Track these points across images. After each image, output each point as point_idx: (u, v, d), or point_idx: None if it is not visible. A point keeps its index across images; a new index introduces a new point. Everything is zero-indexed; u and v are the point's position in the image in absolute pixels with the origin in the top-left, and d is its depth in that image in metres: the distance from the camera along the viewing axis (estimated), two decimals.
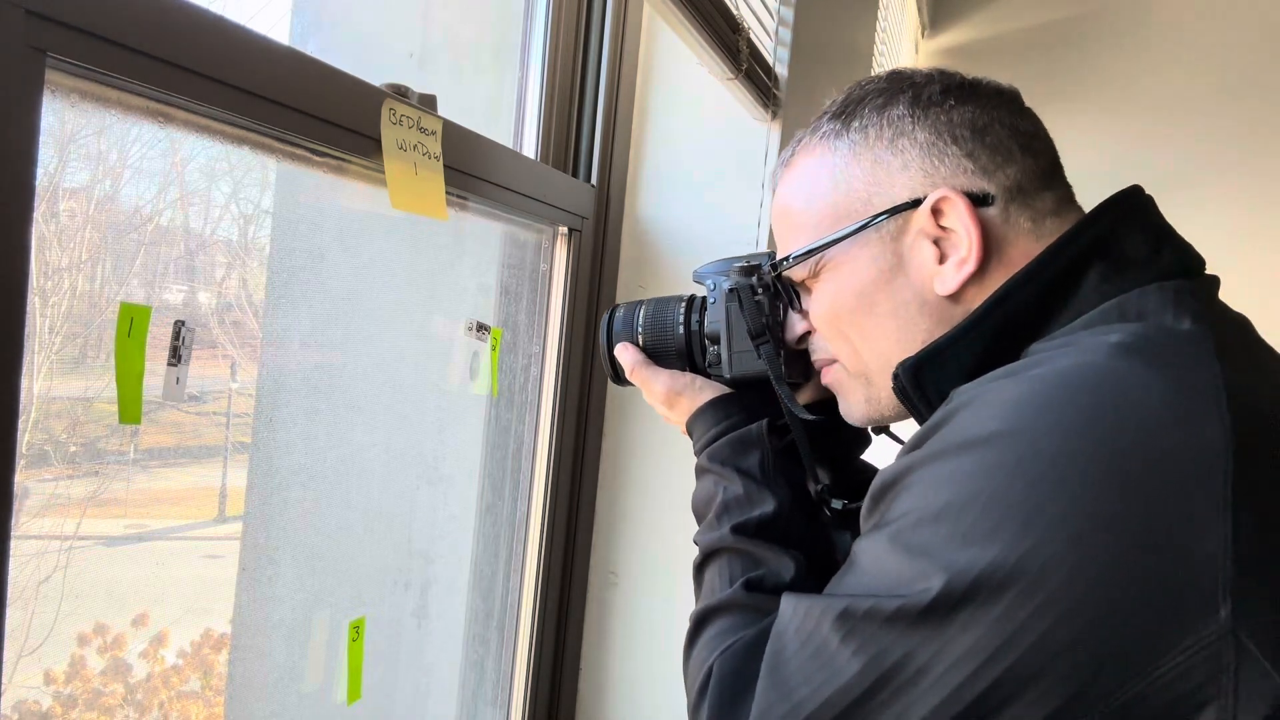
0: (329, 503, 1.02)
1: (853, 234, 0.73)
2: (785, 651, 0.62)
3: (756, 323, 0.82)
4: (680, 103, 1.50)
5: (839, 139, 0.75)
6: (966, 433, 0.58)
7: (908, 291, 0.72)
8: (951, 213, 0.70)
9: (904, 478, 0.61)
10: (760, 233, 1.46)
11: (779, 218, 0.80)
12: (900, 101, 0.73)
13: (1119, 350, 0.58)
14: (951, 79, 0.74)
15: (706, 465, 0.83)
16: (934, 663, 0.54)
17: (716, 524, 0.79)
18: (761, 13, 1.47)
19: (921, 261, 0.71)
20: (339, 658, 1.01)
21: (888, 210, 0.72)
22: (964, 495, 0.55)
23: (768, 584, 0.74)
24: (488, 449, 1.32)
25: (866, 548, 0.62)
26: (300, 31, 1.00)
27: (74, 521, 0.77)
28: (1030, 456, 0.54)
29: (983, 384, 0.61)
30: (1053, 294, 0.68)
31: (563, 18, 1.34)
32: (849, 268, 0.74)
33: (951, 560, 0.54)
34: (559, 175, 1.33)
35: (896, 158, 0.72)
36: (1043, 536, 0.52)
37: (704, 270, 0.88)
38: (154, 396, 0.69)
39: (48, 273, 0.74)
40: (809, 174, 0.77)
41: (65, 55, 0.59)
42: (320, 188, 0.94)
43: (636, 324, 0.91)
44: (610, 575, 1.52)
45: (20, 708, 0.76)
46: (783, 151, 0.82)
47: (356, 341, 1.03)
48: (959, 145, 0.71)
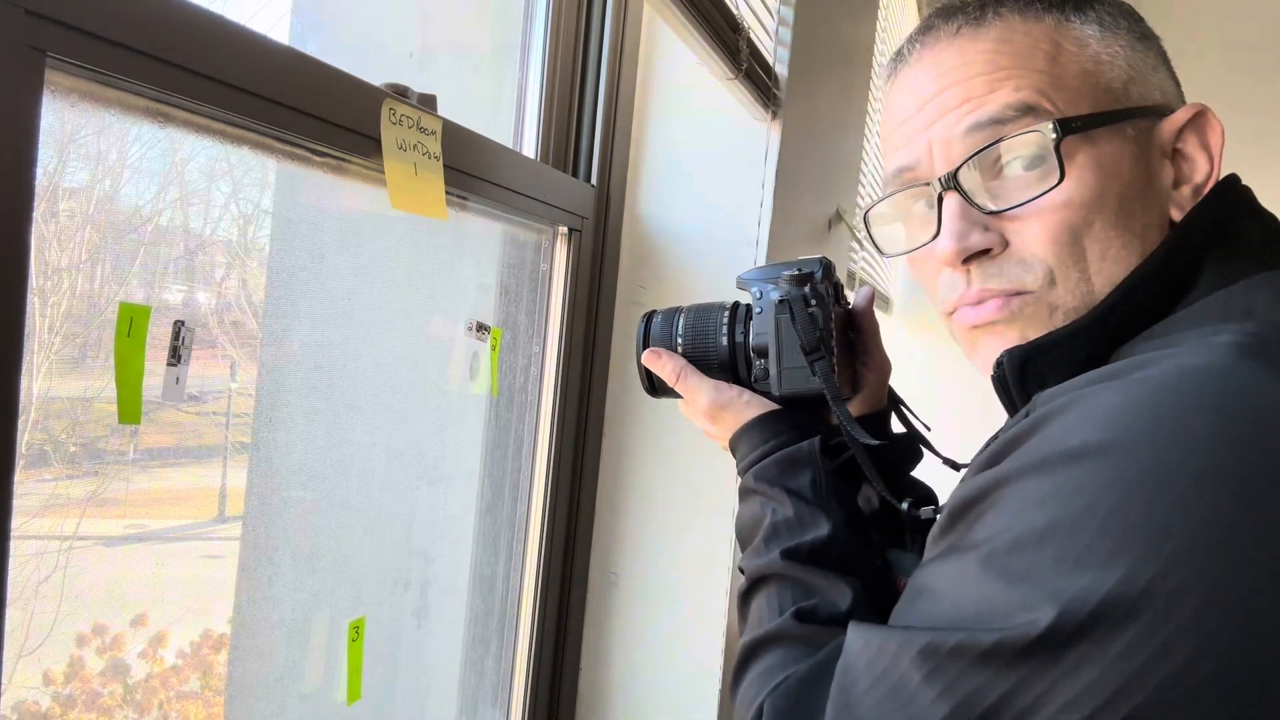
0: (329, 503, 1.02)
1: (1131, 116, 0.63)
2: (855, 689, 0.55)
3: (810, 337, 0.76)
4: (680, 103, 1.50)
5: (1079, 12, 0.65)
6: (1067, 443, 0.51)
7: (1156, 209, 0.63)
8: (1199, 133, 0.64)
9: (990, 494, 0.53)
10: (761, 233, 1.46)
11: (985, 73, 0.64)
12: (1124, 4, 0.67)
13: (1236, 352, 0.51)
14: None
15: (753, 485, 0.76)
16: (1040, 705, 0.47)
17: (765, 548, 0.73)
18: (761, 13, 1.47)
19: (1165, 178, 0.64)
20: (339, 658, 1.01)
21: (1148, 107, 0.63)
22: (1073, 514, 0.48)
23: (821, 614, 0.67)
24: (488, 449, 1.32)
25: (946, 572, 0.55)
26: (300, 31, 1.00)
27: (74, 521, 0.76)
28: (1150, 470, 0.47)
29: (1076, 389, 0.54)
30: (1175, 287, 0.61)
31: (563, 18, 1.34)
32: (1112, 158, 0.62)
33: (1062, 588, 0.47)
34: (559, 175, 1.33)
35: (1147, 56, 0.65)
36: (1170, 561, 0.46)
37: (749, 276, 0.82)
38: (154, 396, 0.69)
39: (47, 273, 0.74)
40: (1044, 36, 0.64)
41: (65, 55, 0.59)
42: (320, 188, 0.94)
43: (675, 332, 0.85)
44: (610, 575, 1.52)
45: (20, 708, 0.76)
46: (931, 24, 0.70)
47: (356, 341, 1.03)
48: (1169, 68, 0.66)
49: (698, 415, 0.84)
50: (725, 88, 1.38)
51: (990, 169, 0.65)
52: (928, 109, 0.67)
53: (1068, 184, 0.62)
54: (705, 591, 1.47)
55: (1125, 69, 0.64)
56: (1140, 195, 0.63)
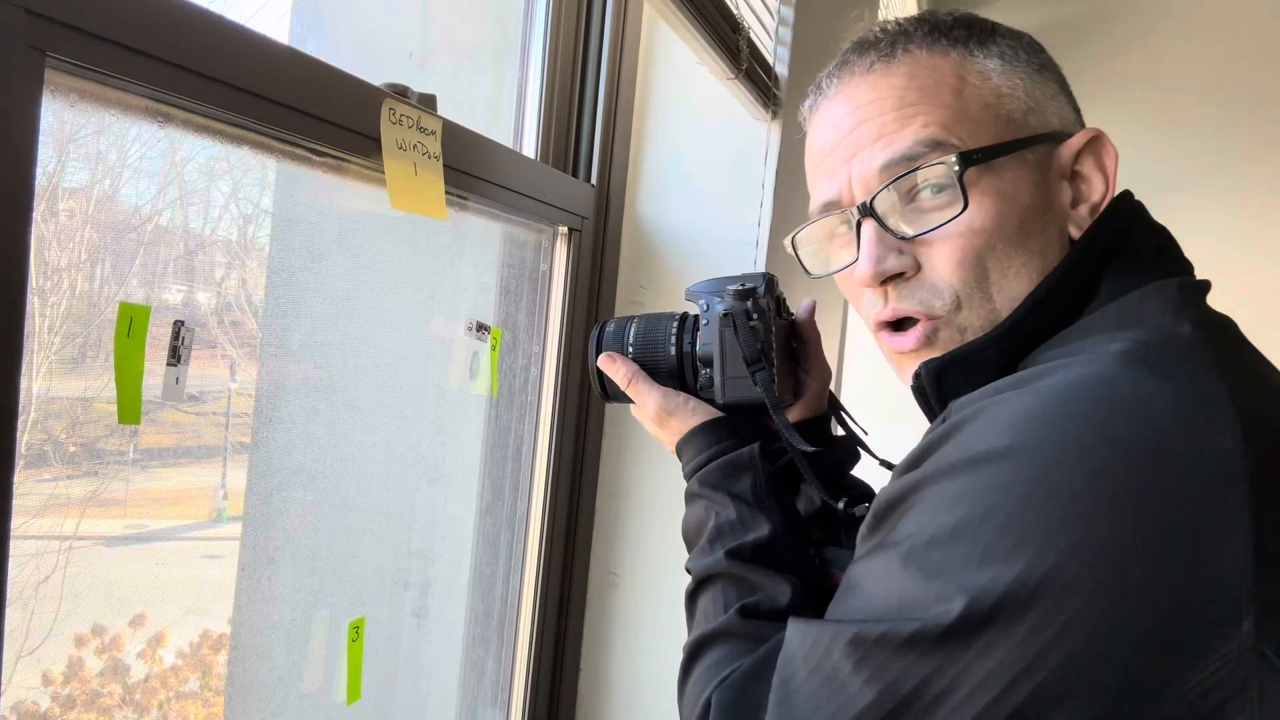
0: (329, 503, 1.02)
1: (1029, 144, 0.67)
2: (794, 680, 0.59)
3: (752, 349, 0.81)
4: (680, 103, 1.50)
5: (982, 48, 0.70)
6: (976, 448, 0.56)
7: (1054, 229, 0.68)
8: (1095, 155, 0.68)
9: (910, 495, 0.58)
10: (760, 233, 1.46)
11: (895, 109, 0.69)
12: (1024, 36, 0.72)
13: (1125, 360, 0.56)
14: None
15: (698, 490, 0.81)
16: (954, 688, 0.52)
17: (709, 549, 0.77)
18: (761, 13, 1.47)
19: (1063, 199, 0.69)
20: (339, 658, 1.01)
21: (1047, 134, 0.68)
22: (980, 513, 0.53)
23: (764, 609, 0.72)
24: (488, 449, 1.32)
25: (871, 569, 0.59)
26: (300, 31, 1.00)
27: (73, 521, 0.76)
28: (1046, 472, 0.52)
29: (985, 397, 0.59)
30: (1079, 298, 0.66)
31: (563, 18, 1.34)
32: (1011, 184, 0.67)
33: (971, 581, 0.52)
34: (559, 175, 1.33)
35: (1045, 86, 0.70)
36: (1064, 554, 0.51)
37: (697, 289, 0.86)
38: (153, 396, 0.69)
39: (47, 272, 0.74)
40: (948, 71, 0.69)
41: (65, 55, 0.59)
42: (320, 188, 0.94)
43: (627, 340, 0.89)
44: (610, 575, 1.52)
45: (19, 708, 0.75)
46: (846, 60, 0.73)
47: (356, 341, 1.03)
48: (1068, 95, 0.70)
49: (646, 420, 0.89)
50: (725, 88, 1.38)
51: (904, 197, 0.70)
52: (846, 143, 0.72)
53: (971, 211, 0.67)
54: None
55: (1025, 100, 0.69)
56: (1039, 216, 0.68)
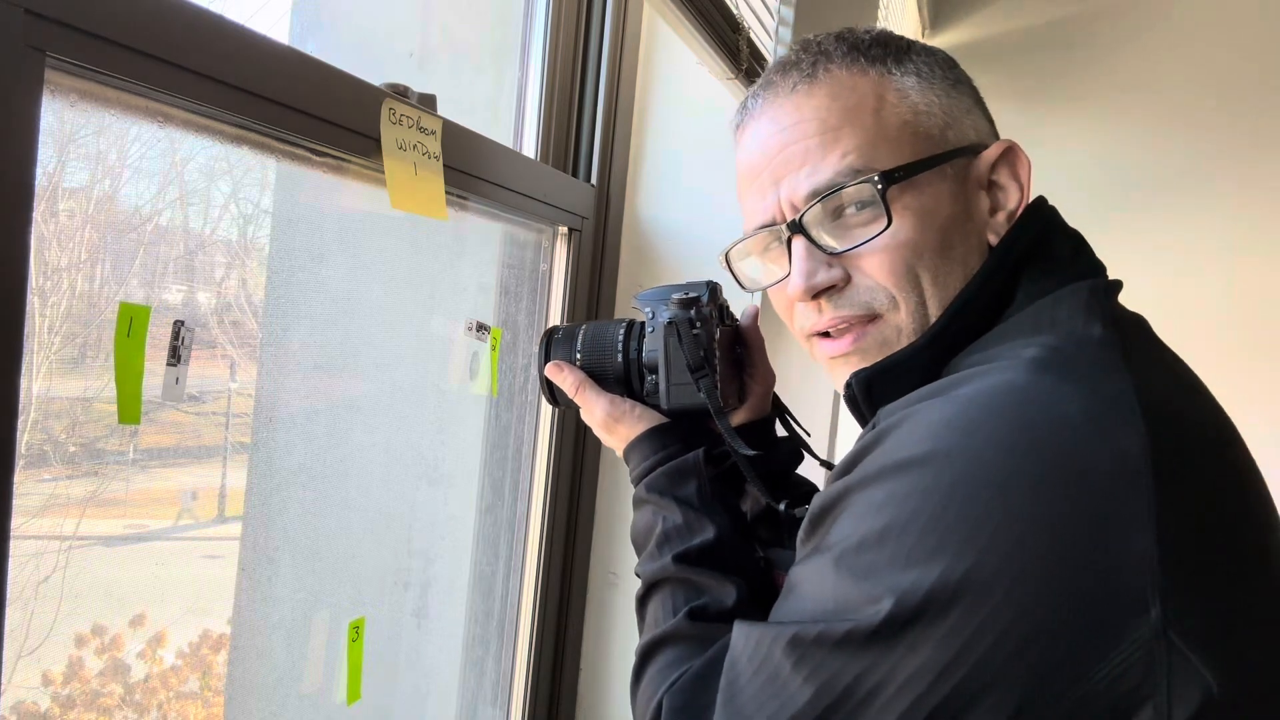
0: (329, 503, 1.02)
1: (947, 159, 0.70)
2: (739, 680, 0.62)
3: (695, 357, 0.82)
4: (680, 103, 1.50)
5: (899, 65, 0.72)
6: (899, 454, 0.58)
7: (973, 237, 0.72)
8: (1009, 165, 0.71)
9: (841, 501, 0.61)
10: None
11: (818, 132, 0.71)
12: (938, 52, 0.74)
13: (1036, 366, 0.59)
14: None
15: (645, 496, 0.82)
16: (885, 683, 0.55)
17: (658, 554, 0.78)
18: (761, 13, 1.48)
19: (981, 208, 0.72)
20: (339, 658, 1.01)
21: (964, 147, 0.71)
22: (903, 517, 0.56)
23: (711, 612, 0.73)
24: (488, 449, 1.32)
25: (808, 573, 0.62)
26: (300, 31, 1.00)
27: (74, 521, 0.76)
28: (962, 477, 0.55)
29: (909, 404, 0.62)
30: (996, 305, 0.69)
31: (563, 18, 1.34)
32: (931, 197, 0.70)
33: (896, 582, 0.55)
34: (559, 175, 1.33)
35: (960, 100, 0.73)
36: (980, 554, 0.53)
37: (644, 296, 0.88)
38: (153, 396, 0.69)
39: (47, 272, 0.74)
40: (868, 91, 0.71)
41: (65, 55, 0.59)
42: (320, 188, 0.94)
43: (576, 346, 0.90)
44: (610, 575, 1.52)
45: (19, 709, 0.76)
46: (771, 79, 0.75)
47: (356, 341, 1.03)
48: (981, 107, 0.73)
49: (595, 426, 0.90)
50: (725, 88, 1.38)
51: (831, 214, 0.72)
52: (774, 164, 0.74)
53: (895, 225, 0.69)
54: None
55: (941, 116, 0.71)
56: (960, 226, 0.71)
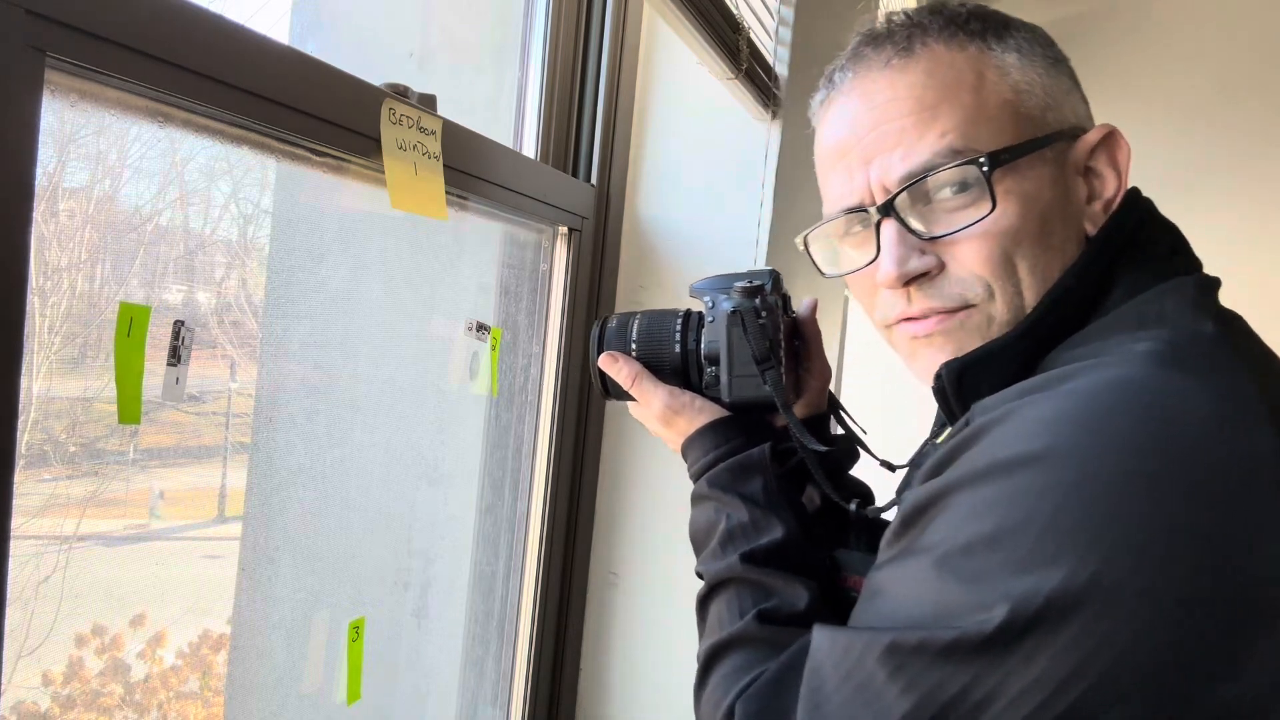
0: (329, 503, 1.02)
1: (1049, 142, 0.66)
2: (825, 689, 0.58)
3: (761, 347, 0.79)
4: (680, 103, 1.50)
5: (999, 40, 0.68)
6: (1007, 451, 0.55)
7: (1072, 226, 0.68)
8: (1108, 151, 0.67)
9: (939, 500, 0.57)
10: (760, 233, 1.46)
11: (913, 110, 0.67)
12: (1038, 29, 0.70)
13: (1154, 360, 0.55)
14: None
15: (706, 492, 0.79)
16: (995, 696, 0.51)
17: (721, 553, 0.75)
18: (761, 13, 1.47)
19: (1079, 195, 0.68)
20: (339, 658, 1.01)
21: (1065, 130, 0.67)
22: (1017, 518, 0.53)
23: (782, 614, 0.70)
24: (488, 449, 1.32)
25: (902, 574, 0.58)
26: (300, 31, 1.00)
27: (74, 521, 0.76)
28: (1085, 476, 0.52)
29: (1008, 400, 0.58)
30: (1095, 297, 0.65)
31: (563, 18, 1.34)
32: (1033, 182, 0.66)
33: (1012, 588, 0.51)
34: (559, 175, 1.33)
35: (1060, 80, 0.69)
36: (1107, 558, 0.50)
37: (702, 285, 0.85)
38: (153, 396, 0.69)
39: (47, 272, 0.74)
40: (967, 68, 0.67)
41: (65, 55, 0.59)
42: (320, 188, 0.94)
43: (630, 336, 0.86)
44: (610, 575, 1.52)
45: (19, 709, 0.75)
46: (860, 51, 0.71)
47: (356, 341, 1.03)
48: (1080, 91, 0.69)
49: (651, 419, 0.86)
50: (725, 88, 1.38)
51: (923, 197, 0.68)
52: (865, 143, 0.70)
53: (997, 211, 0.66)
54: None
55: (1042, 96, 0.68)
56: (1059, 213, 0.67)
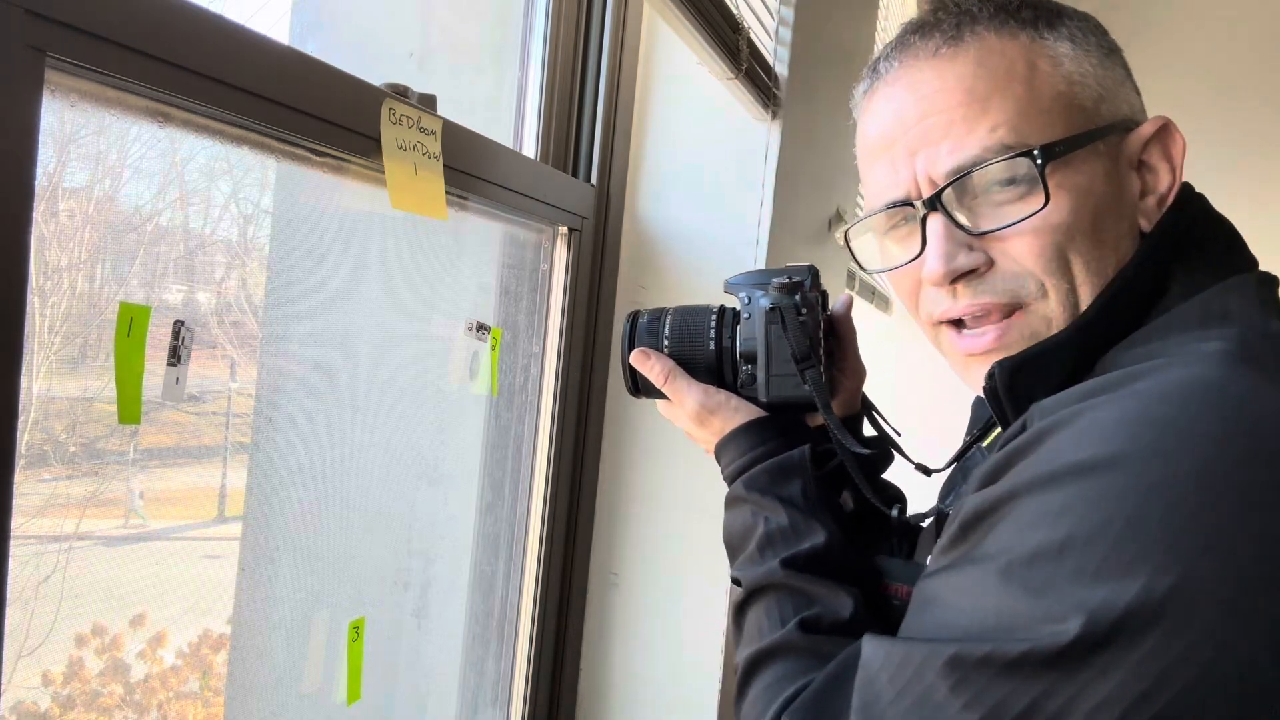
0: (329, 503, 1.02)
1: (1102, 135, 0.64)
2: (880, 702, 0.55)
3: (801, 345, 0.76)
4: (680, 103, 1.50)
5: (1051, 29, 0.66)
6: (1075, 456, 0.52)
7: (1126, 221, 0.65)
8: (1162, 144, 0.65)
9: (1002, 506, 0.54)
10: (760, 233, 1.46)
11: (963, 102, 0.65)
12: (1090, 18, 0.67)
13: (1229, 360, 0.53)
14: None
15: (743, 494, 0.76)
16: (1067, 711, 0.49)
17: (760, 558, 0.72)
18: (761, 13, 1.47)
19: (1132, 190, 0.65)
20: (339, 658, 1.01)
21: (1118, 123, 0.64)
22: (1090, 526, 0.50)
23: (825, 623, 0.67)
24: (488, 449, 1.32)
25: (960, 583, 0.56)
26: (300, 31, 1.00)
27: (74, 521, 0.76)
28: (1163, 481, 0.49)
29: (1071, 401, 0.56)
30: (1150, 296, 0.63)
31: (563, 18, 1.34)
32: (1086, 176, 0.64)
33: (1085, 599, 0.49)
34: (559, 175, 1.33)
35: (1114, 70, 0.66)
36: (1188, 567, 0.47)
37: (737, 281, 0.82)
38: (153, 396, 0.69)
39: (47, 272, 0.74)
40: (1019, 57, 0.65)
41: (65, 55, 0.59)
42: (320, 188, 0.94)
43: (662, 333, 0.84)
44: (610, 575, 1.52)
45: (19, 709, 0.75)
46: (908, 39, 0.69)
47: (356, 341, 1.03)
48: (1133, 82, 0.67)
49: (683, 418, 0.83)
50: (725, 87, 1.38)
51: (970, 191, 0.66)
52: (911, 134, 0.67)
53: (1050, 206, 0.63)
54: (705, 592, 1.47)
55: (1096, 87, 0.65)
56: (1113, 209, 0.65)
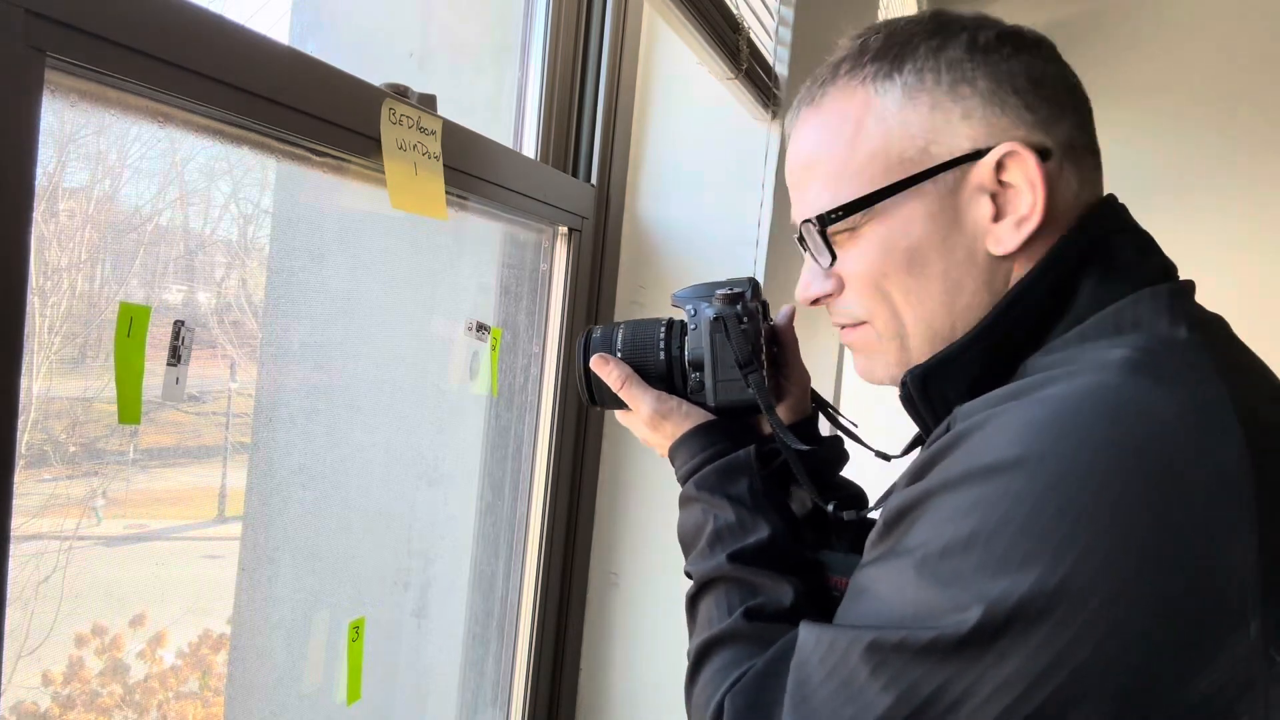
0: (329, 503, 1.02)
1: (912, 184, 0.68)
2: (810, 683, 0.60)
3: (744, 352, 0.81)
4: (680, 103, 1.50)
5: (888, 80, 0.70)
6: (985, 458, 0.56)
7: (960, 250, 0.69)
8: (1017, 168, 0.66)
9: (921, 504, 0.59)
10: (760, 233, 1.46)
11: (805, 165, 0.74)
12: (956, 45, 0.69)
13: (1128, 367, 0.57)
14: (1000, 25, 0.70)
15: (694, 494, 0.81)
16: (971, 693, 0.53)
17: (710, 553, 0.77)
18: (761, 13, 1.47)
19: (978, 218, 0.68)
20: (339, 658, 1.01)
21: (949, 161, 0.67)
22: (992, 523, 0.54)
23: (768, 611, 0.72)
24: (488, 449, 1.32)
25: (883, 576, 0.60)
26: (300, 31, 1.00)
27: (74, 521, 0.76)
28: (1057, 482, 0.53)
29: (989, 405, 0.60)
30: (1053, 302, 0.66)
31: (563, 18, 1.34)
32: (900, 222, 0.69)
33: (986, 590, 0.53)
34: (559, 175, 1.33)
35: (957, 105, 0.68)
36: (1077, 563, 0.52)
37: (683, 295, 0.87)
38: (153, 396, 0.69)
39: (47, 273, 0.74)
40: (849, 117, 0.71)
41: (65, 55, 0.59)
42: (320, 188, 0.94)
43: (615, 345, 0.89)
44: (610, 576, 1.52)
45: (19, 709, 0.76)
46: (801, 92, 0.76)
47: (356, 341, 1.03)
48: (1019, 95, 0.67)
49: (638, 424, 0.88)
50: (725, 87, 1.38)
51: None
52: (788, 182, 0.77)
53: (851, 255, 0.71)
54: None
55: (921, 135, 0.68)
56: (937, 243, 0.69)
